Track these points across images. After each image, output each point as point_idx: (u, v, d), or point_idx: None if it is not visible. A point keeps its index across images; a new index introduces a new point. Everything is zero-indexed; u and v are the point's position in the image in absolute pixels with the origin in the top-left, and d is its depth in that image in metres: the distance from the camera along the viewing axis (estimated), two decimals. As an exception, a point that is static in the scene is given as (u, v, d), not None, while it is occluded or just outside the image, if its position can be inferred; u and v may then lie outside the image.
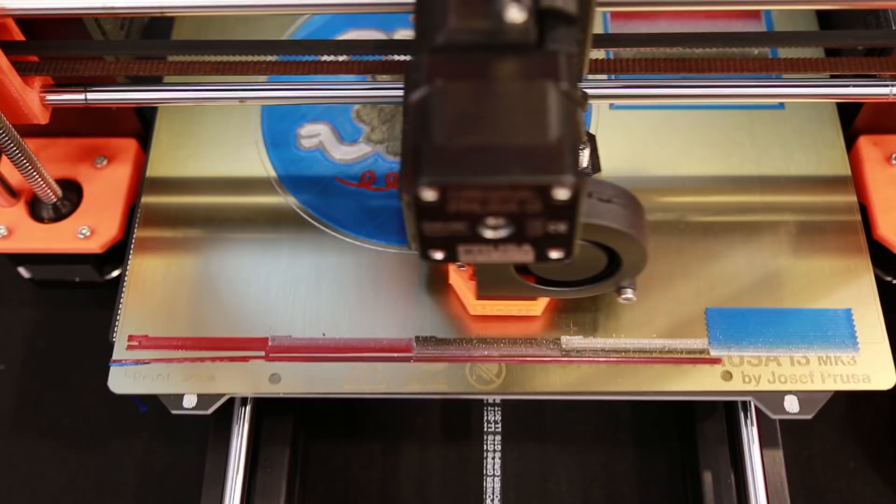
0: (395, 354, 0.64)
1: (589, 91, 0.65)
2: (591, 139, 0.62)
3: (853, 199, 0.70)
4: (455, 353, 0.64)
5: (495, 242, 0.47)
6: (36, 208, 0.75)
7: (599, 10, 0.76)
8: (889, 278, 0.76)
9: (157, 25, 0.81)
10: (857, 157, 0.73)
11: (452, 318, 0.65)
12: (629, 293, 0.61)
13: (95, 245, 0.73)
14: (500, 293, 0.63)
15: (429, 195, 0.43)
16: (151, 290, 0.68)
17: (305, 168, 0.73)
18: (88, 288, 0.79)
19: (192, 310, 0.66)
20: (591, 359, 0.63)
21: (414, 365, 0.63)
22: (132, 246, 0.70)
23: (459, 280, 0.64)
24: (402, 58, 0.62)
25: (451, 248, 0.47)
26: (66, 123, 0.75)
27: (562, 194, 0.42)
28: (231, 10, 0.62)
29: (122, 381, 0.63)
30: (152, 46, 0.67)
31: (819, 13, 0.80)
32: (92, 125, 0.76)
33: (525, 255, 0.48)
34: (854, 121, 0.74)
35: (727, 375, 0.63)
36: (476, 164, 0.42)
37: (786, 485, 0.66)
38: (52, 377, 0.77)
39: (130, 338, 0.65)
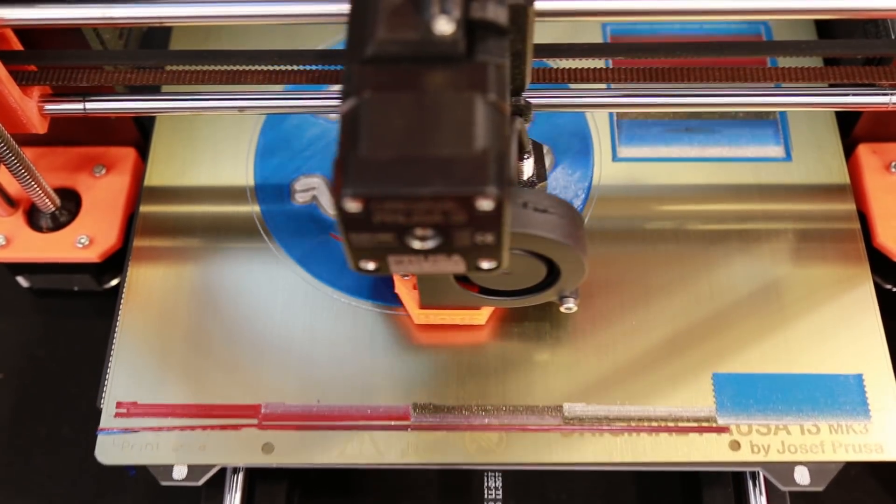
0: (392, 423, 0.62)
1: (591, 101, 0.65)
2: (538, 148, 0.61)
3: (852, 207, 0.70)
4: (454, 420, 0.62)
5: (425, 253, 0.47)
6: (34, 217, 0.74)
7: (597, 20, 0.75)
8: (889, 286, 0.75)
9: (156, 35, 0.79)
10: (857, 165, 0.73)
11: (450, 381, 0.64)
12: (570, 303, 0.61)
13: (94, 254, 0.72)
14: (443, 303, 0.63)
15: (353, 206, 0.43)
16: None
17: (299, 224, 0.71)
18: (87, 297, 0.78)
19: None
20: (594, 427, 0.62)
21: (411, 434, 0.62)
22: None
23: (404, 289, 0.63)
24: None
25: (381, 258, 0.47)
26: (64, 132, 0.74)
27: (485, 205, 0.42)
28: (228, 21, 0.61)
29: (109, 450, 0.62)
30: (150, 56, 0.67)
31: (818, 23, 0.79)
32: (90, 134, 0.76)
33: (456, 265, 0.48)
34: (853, 129, 0.73)
35: (735, 445, 0.61)
36: (400, 176, 0.42)
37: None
38: (50, 386, 0.76)
39: (118, 405, 0.63)
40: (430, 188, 0.42)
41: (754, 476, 0.65)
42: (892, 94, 0.64)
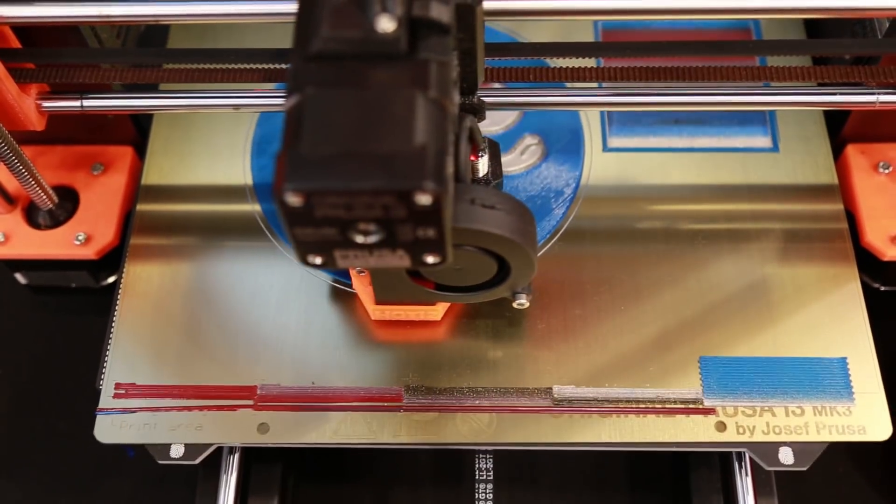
0: (385, 404, 0.63)
1: (580, 99, 0.66)
2: (493, 146, 0.62)
3: (840, 207, 0.71)
4: (445, 402, 0.63)
5: (369, 247, 0.47)
6: (32, 215, 0.75)
7: (589, 18, 0.76)
8: (877, 285, 0.77)
9: (153, 33, 0.80)
10: (845, 165, 0.74)
11: (444, 364, 0.65)
12: (523, 299, 0.62)
13: (91, 251, 0.73)
14: (398, 298, 0.64)
15: (294, 201, 0.43)
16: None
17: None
18: (84, 294, 0.79)
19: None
20: (583, 409, 0.63)
21: (404, 415, 0.63)
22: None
23: (360, 285, 0.64)
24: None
25: (327, 253, 0.48)
26: (62, 131, 0.75)
27: (424, 200, 0.43)
28: (225, 18, 0.62)
29: (108, 430, 0.63)
30: (148, 54, 0.67)
31: (807, 21, 0.80)
32: (88, 133, 0.77)
33: (401, 260, 0.49)
34: (842, 129, 0.74)
35: (721, 426, 0.62)
36: (340, 171, 0.43)
37: (781, 535, 0.66)
38: (47, 382, 0.77)
39: (117, 385, 0.64)
40: (369, 183, 0.43)
41: (740, 457, 0.66)
42: (879, 94, 0.65)
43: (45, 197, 0.72)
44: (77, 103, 0.68)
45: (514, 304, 0.62)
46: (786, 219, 0.70)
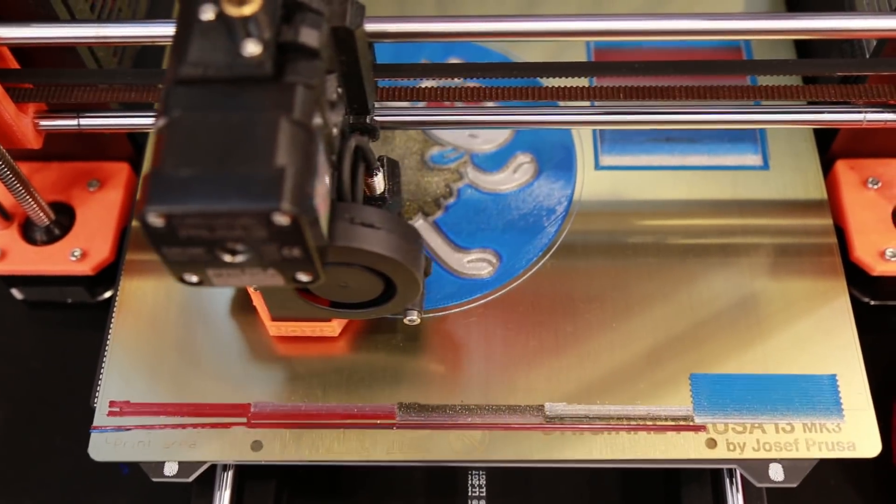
0: (378, 422, 0.63)
1: (572, 118, 0.66)
2: (392, 164, 0.63)
3: (829, 222, 0.71)
4: (438, 419, 0.64)
5: (241, 266, 0.48)
6: (29, 231, 0.76)
7: (581, 39, 0.77)
8: (867, 299, 0.77)
9: (149, 53, 0.81)
10: (835, 180, 0.75)
11: (435, 381, 0.65)
12: (413, 315, 0.64)
13: (87, 267, 0.74)
14: (292, 314, 0.64)
15: (156, 222, 0.44)
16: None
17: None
18: (81, 309, 0.80)
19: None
20: (574, 426, 0.63)
21: (397, 432, 0.63)
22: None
23: (258, 301, 0.64)
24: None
25: (201, 272, 0.48)
26: (59, 147, 0.75)
27: (282, 220, 0.44)
28: None
29: (102, 448, 0.63)
30: (144, 75, 0.67)
31: (797, 42, 0.81)
32: (84, 149, 0.77)
33: (273, 278, 0.49)
34: (831, 146, 0.75)
35: (711, 443, 0.62)
36: (198, 193, 0.44)
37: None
38: (43, 397, 0.77)
39: (111, 403, 0.64)
40: (226, 205, 0.43)
41: (731, 474, 0.66)
42: (866, 112, 0.66)
43: (41, 213, 0.73)
44: (74, 122, 0.69)
45: (405, 321, 0.64)
46: (776, 234, 0.71)
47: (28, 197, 0.70)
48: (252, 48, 0.46)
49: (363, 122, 0.60)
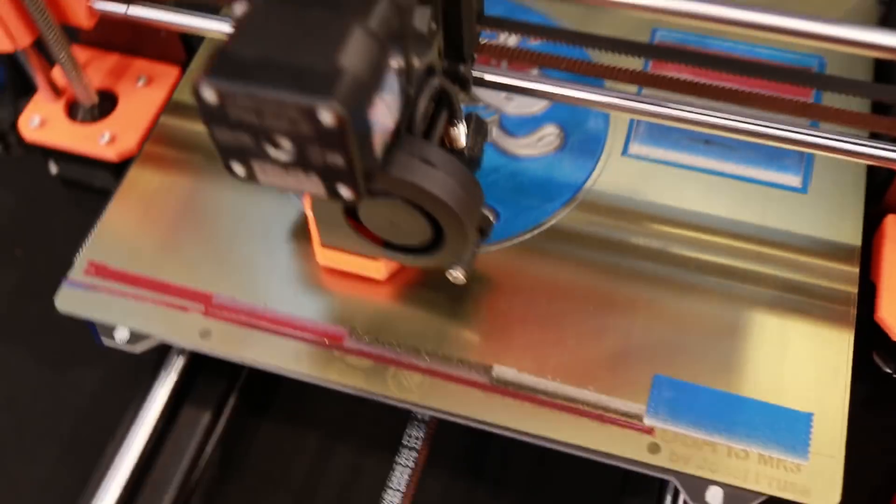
0: (326, 340, 0.65)
1: (614, 101, 0.64)
2: (480, 124, 0.62)
3: (855, 270, 0.66)
4: (383, 353, 0.64)
5: (284, 165, 0.48)
6: (73, 109, 0.81)
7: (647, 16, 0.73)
8: (889, 370, 0.70)
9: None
10: (881, 234, 0.68)
11: (394, 321, 0.66)
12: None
13: (112, 153, 0.78)
14: (339, 244, 0.64)
15: (209, 96, 0.45)
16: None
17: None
18: (106, 195, 0.79)
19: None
20: (518, 394, 0.62)
21: (339, 355, 0.64)
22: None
23: (312, 225, 0.64)
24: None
25: (247, 164, 0.49)
26: (119, 39, 0.81)
27: (328, 119, 0.44)
28: None
29: (67, 300, 0.67)
30: None
31: (877, 69, 0.75)
32: (142, 46, 0.81)
33: (315, 186, 0.49)
34: (885, 194, 0.69)
35: (654, 448, 0.60)
36: (254, 76, 0.44)
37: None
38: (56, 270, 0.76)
39: (90, 263, 0.68)
40: (277, 91, 0.44)
41: (677, 493, 0.64)
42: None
43: (83, 92, 0.77)
44: (123, 9, 0.72)
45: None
46: (792, 268, 0.67)
47: (75, 73, 0.75)
48: None
49: (456, 69, 0.60)
